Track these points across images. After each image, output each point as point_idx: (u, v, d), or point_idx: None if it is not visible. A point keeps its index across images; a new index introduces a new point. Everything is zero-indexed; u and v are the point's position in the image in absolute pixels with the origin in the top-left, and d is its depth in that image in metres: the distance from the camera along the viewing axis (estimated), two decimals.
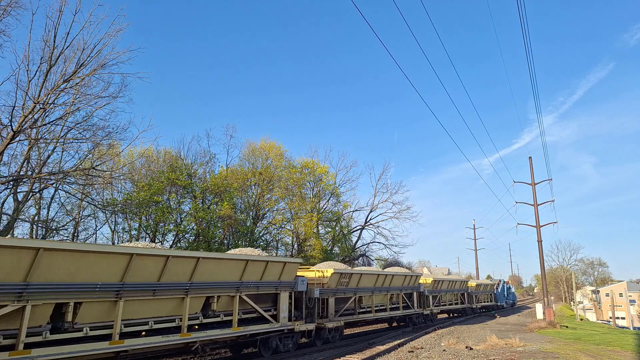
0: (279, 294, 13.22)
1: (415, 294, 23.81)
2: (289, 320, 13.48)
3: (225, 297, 11.30)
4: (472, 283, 36.43)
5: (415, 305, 23.79)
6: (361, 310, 18.75)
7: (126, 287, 8.52)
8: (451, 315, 34.59)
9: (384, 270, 26.96)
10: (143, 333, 9.29)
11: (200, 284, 10.28)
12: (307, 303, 14.76)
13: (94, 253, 7.97)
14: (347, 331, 21.26)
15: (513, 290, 56.65)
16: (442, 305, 29.19)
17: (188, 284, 9.94)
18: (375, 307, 19.82)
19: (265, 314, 12.62)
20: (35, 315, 7.25)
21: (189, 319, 10.20)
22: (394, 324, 24.58)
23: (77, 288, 7.72)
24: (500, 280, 49.90)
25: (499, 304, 45.13)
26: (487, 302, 41.42)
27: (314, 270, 16.41)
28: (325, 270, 16.31)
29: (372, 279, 19.01)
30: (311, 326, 14.50)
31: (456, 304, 32.09)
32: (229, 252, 14.73)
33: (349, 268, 18.63)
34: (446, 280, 29.38)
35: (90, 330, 8.17)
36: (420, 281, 25.41)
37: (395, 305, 22.00)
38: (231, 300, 11.50)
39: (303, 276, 14.50)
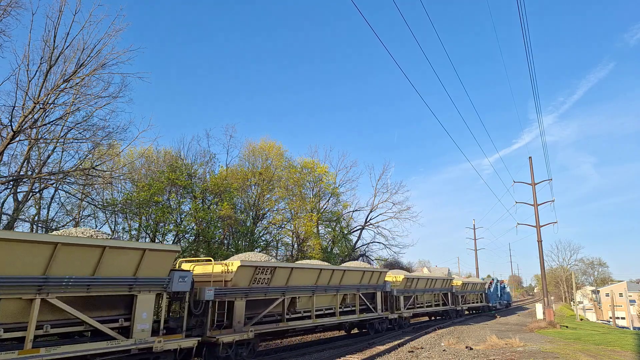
0: (135, 297, 9.18)
1: (379, 294, 19.97)
2: (156, 334, 9.57)
3: (12, 301, 7.52)
4: (457, 281, 32.57)
5: (379, 307, 19.83)
6: (295, 315, 14.61)
7: None
8: (431, 318, 31.18)
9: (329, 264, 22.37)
10: None
11: None
12: (193, 308, 10.82)
13: None
14: (288, 342, 17.75)
15: (508, 290, 53.02)
16: (419, 307, 25.33)
17: None
18: (319, 311, 15.80)
19: (103, 327, 8.68)
20: None
21: None
22: (354, 331, 20.89)
23: None
24: (493, 279, 46.00)
25: (491, 304, 41.60)
26: (477, 302, 37.89)
27: (212, 264, 12.21)
28: (230, 263, 12.23)
29: (311, 276, 14.96)
30: (188, 343, 10.04)
31: (437, 305, 28.29)
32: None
33: (274, 261, 14.80)
34: (423, 279, 25.48)
35: None
36: (388, 279, 21.88)
37: (349, 309, 18.02)
38: (28, 307, 7.65)
39: (187, 270, 10.84)
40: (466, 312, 35.90)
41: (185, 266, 12.97)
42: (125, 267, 9.01)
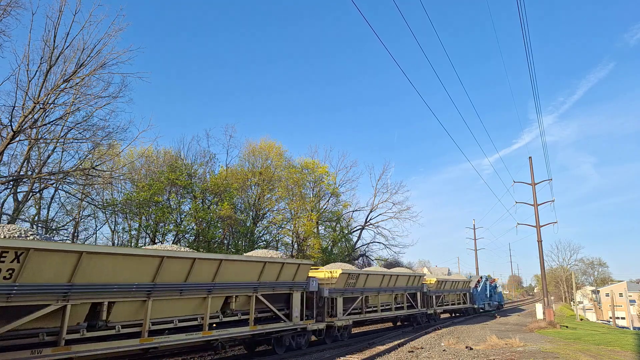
0: None
1: (296, 295, 14.17)
2: None
3: None
4: (430, 279, 27.32)
5: (296, 315, 14.01)
6: (102, 333, 8.60)
7: None
8: (397, 324, 24.99)
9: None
10: None
11: None
12: None
13: None
14: None
15: (500, 289, 47.61)
16: (370, 312, 19.28)
17: None
18: (163, 324, 9.87)
19: None
20: None
21: None
22: (266, 346, 14.56)
23: None
24: (481, 277, 40.78)
25: (476, 306, 36.39)
26: (458, 304, 32.57)
27: None
28: None
29: (178, 268, 9.84)
30: None
31: (399, 308, 22.24)
32: None
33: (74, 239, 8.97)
34: (375, 275, 19.39)
35: None
36: (317, 274, 16.59)
37: (238, 318, 11.97)
38: None
39: None
40: (443, 316, 31.89)
41: None
42: None
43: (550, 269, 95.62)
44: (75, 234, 26.68)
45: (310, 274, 15.51)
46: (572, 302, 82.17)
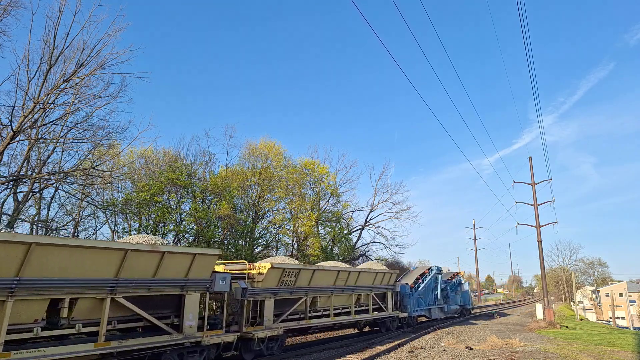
0: None
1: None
2: None
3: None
4: (261, 265, 13.45)
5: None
6: None
7: None
8: None
9: None
10: None
11: None
12: None
13: None
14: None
15: (467, 288, 33.79)
16: None
17: None
18: None
19: None
20: None
21: None
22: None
23: None
24: (429, 269, 27.26)
25: (404, 314, 22.29)
26: (363, 312, 19.17)
27: None
28: None
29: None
30: None
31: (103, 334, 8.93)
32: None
33: None
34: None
35: None
36: None
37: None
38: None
39: None
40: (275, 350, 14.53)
41: None
42: None
43: (550, 269, 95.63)
44: (76, 234, 26.67)
45: None
46: (572, 302, 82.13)
